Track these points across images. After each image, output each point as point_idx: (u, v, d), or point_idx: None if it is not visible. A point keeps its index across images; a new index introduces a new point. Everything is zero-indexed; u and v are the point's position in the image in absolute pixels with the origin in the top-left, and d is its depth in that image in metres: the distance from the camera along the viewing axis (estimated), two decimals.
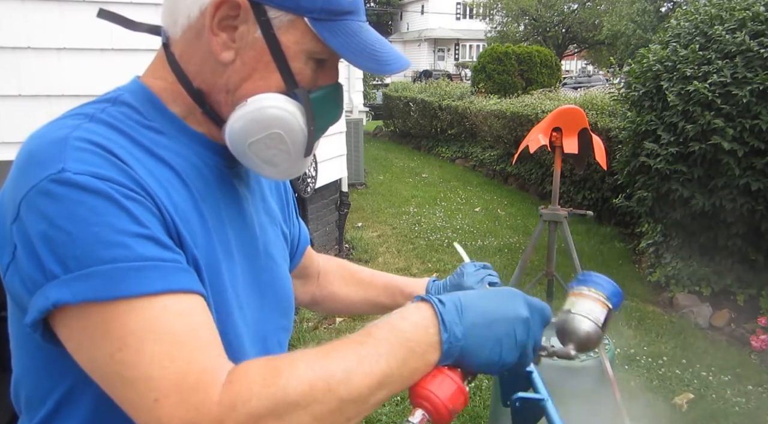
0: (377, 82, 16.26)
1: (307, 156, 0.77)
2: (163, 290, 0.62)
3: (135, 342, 0.60)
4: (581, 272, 0.86)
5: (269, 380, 0.60)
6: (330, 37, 0.72)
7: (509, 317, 0.70)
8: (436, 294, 0.86)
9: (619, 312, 4.06)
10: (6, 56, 2.39)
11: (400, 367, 0.65)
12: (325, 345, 0.65)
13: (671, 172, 3.92)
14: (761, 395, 3.16)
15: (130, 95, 0.76)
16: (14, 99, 2.39)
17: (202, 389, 0.59)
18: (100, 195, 0.62)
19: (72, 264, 0.60)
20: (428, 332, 0.67)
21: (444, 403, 0.65)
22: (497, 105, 8.94)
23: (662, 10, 17.14)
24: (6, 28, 2.36)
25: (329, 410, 0.61)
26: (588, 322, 0.77)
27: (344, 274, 1.15)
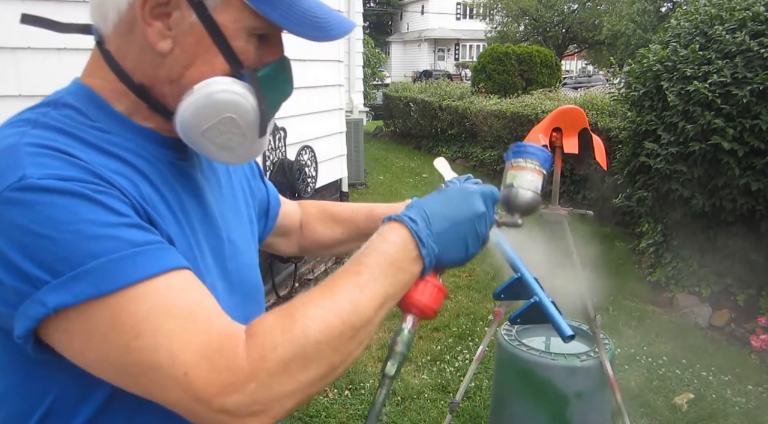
0: (377, 83, 16.25)
1: (262, 136, 0.76)
2: (161, 270, 0.62)
3: (149, 326, 0.60)
4: (514, 143, 0.95)
5: (287, 326, 0.63)
6: (268, 9, 0.69)
7: (471, 215, 0.78)
8: None
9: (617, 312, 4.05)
10: (6, 56, 2.39)
11: (394, 285, 0.71)
12: (325, 282, 0.69)
13: (671, 172, 3.92)
14: (761, 395, 3.16)
15: (71, 97, 0.73)
16: (14, 99, 2.39)
17: (227, 350, 0.61)
18: (69, 194, 0.61)
19: (61, 267, 0.59)
20: (408, 249, 0.73)
21: (429, 305, 0.77)
22: (497, 105, 8.94)
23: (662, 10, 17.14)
24: (6, 28, 2.36)
25: (346, 339, 0.66)
26: (530, 193, 0.89)
27: (324, 217, 1.15)
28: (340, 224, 1.14)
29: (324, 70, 4.76)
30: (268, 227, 1.08)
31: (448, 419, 2.59)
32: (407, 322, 0.77)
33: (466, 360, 3.46)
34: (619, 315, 4.08)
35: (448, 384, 3.23)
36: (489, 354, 3.30)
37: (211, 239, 0.81)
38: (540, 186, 0.89)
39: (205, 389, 0.59)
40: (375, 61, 13.49)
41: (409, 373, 3.35)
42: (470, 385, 3.03)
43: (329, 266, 4.99)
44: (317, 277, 4.73)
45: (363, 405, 3.00)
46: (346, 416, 2.93)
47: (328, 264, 5.02)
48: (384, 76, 18.92)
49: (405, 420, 2.90)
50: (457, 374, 3.34)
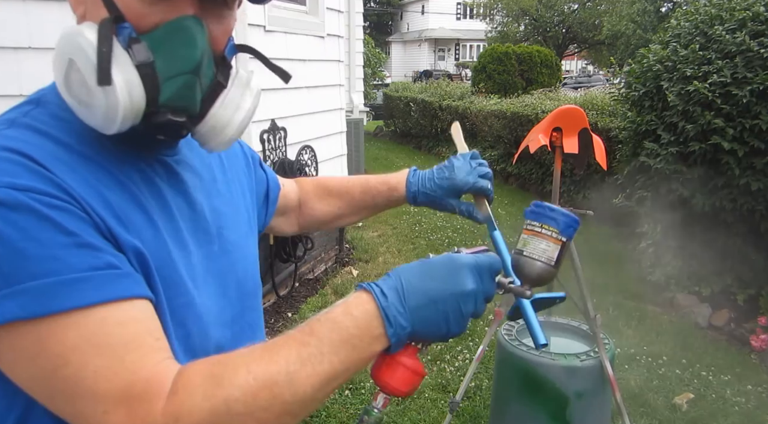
0: (378, 82, 16.26)
1: (102, 84, 0.62)
2: (100, 300, 0.60)
3: (76, 358, 0.59)
4: (534, 202, 0.84)
5: (209, 391, 0.60)
6: None
7: (454, 293, 0.70)
8: (418, 185, 1.08)
9: (617, 312, 4.04)
10: (7, 56, 2.39)
11: (344, 363, 0.65)
12: (267, 344, 0.65)
13: (671, 172, 3.92)
14: (761, 394, 3.16)
15: (53, 95, 0.71)
16: (16, 99, 2.39)
17: (148, 399, 0.59)
18: (21, 209, 0.58)
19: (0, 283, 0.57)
20: (371, 326, 0.67)
21: (400, 389, 0.70)
22: (497, 105, 8.94)
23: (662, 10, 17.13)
24: (7, 28, 2.37)
25: (274, 413, 0.61)
26: (539, 264, 0.78)
27: (320, 192, 1.14)
28: (336, 197, 1.13)
29: (324, 69, 4.76)
30: (269, 211, 1.07)
31: (448, 418, 2.59)
32: (378, 401, 0.72)
33: (466, 360, 3.46)
34: (619, 315, 4.08)
35: (449, 384, 3.23)
36: (489, 354, 3.31)
37: (200, 236, 0.79)
38: (555, 257, 0.78)
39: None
40: (375, 61, 13.51)
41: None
42: (470, 385, 3.03)
43: (329, 266, 4.99)
44: (317, 276, 4.73)
45: (363, 404, 3.00)
46: (347, 415, 2.93)
47: (328, 264, 5.02)
48: (384, 76, 18.94)
49: (405, 420, 2.90)
50: (457, 373, 3.34)
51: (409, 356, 0.71)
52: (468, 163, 1.09)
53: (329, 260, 5.08)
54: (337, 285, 4.56)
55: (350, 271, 4.94)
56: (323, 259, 4.97)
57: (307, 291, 4.44)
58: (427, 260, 0.74)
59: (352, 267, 5.04)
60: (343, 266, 5.07)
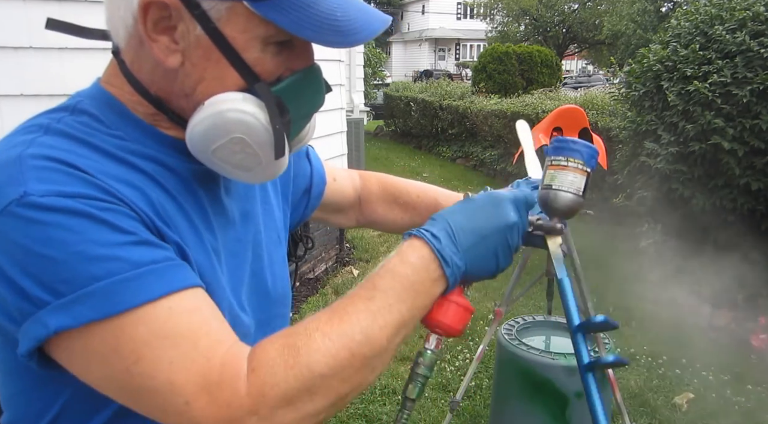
0: (378, 82, 16.25)
1: (279, 157, 0.68)
2: (164, 292, 0.60)
3: (150, 352, 0.59)
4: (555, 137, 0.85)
5: (290, 361, 0.60)
6: (278, 15, 0.62)
7: (501, 226, 0.72)
8: None
9: (617, 312, 4.03)
10: (8, 56, 2.40)
11: (410, 310, 0.67)
12: (335, 306, 0.65)
13: (671, 171, 3.92)
14: (761, 394, 3.16)
15: (90, 102, 0.70)
16: (16, 98, 2.39)
17: (228, 383, 0.59)
18: (72, 213, 0.58)
19: (63, 288, 0.57)
20: (429, 270, 0.68)
21: (453, 326, 0.72)
22: (498, 105, 8.94)
23: (662, 10, 17.12)
24: (7, 28, 2.37)
25: (357, 370, 0.63)
26: (570, 195, 0.80)
27: (386, 198, 1.10)
28: (402, 208, 1.09)
29: (324, 69, 4.74)
30: (310, 205, 1.03)
31: (448, 418, 2.59)
32: (430, 342, 0.73)
33: (466, 359, 3.46)
34: (619, 315, 4.08)
35: (449, 383, 3.23)
36: (489, 353, 3.31)
37: (232, 243, 0.78)
38: (582, 187, 0.80)
39: (205, 421, 0.59)
40: (376, 60, 13.50)
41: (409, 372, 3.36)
42: (470, 384, 3.03)
43: (330, 265, 5.00)
44: (318, 276, 4.74)
45: (363, 404, 3.00)
46: (347, 415, 2.93)
47: (329, 263, 5.02)
48: (385, 75, 18.92)
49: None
50: (457, 373, 3.35)
51: (458, 295, 0.72)
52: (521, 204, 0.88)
53: (330, 259, 5.08)
54: (337, 285, 4.57)
55: (351, 271, 4.94)
56: (324, 258, 4.97)
57: (307, 291, 4.44)
58: (468, 199, 0.76)
59: (353, 267, 5.04)
60: (343, 265, 5.07)
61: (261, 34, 0.64)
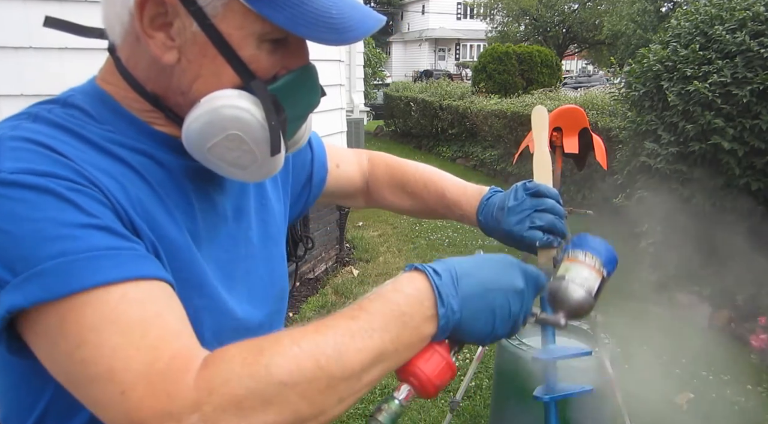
0: (378, 82, 16.26)
1: (275, 154, 0.68)
2: (120, 278, 0.57)
3: (93, 337, 0.55)
4: (578, 234, 0.81)
5: (250, 358, 0.56)
6: (273, 12, 0.62)
7: (505, 287, 0.68)
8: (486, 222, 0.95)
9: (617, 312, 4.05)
10: (7, 56, 2.40)
11: (394, 341, 0.61)
12: (314, 322, 0.61)
13: (671, 171, 3.93)
14: (761, 394, 3.17)
15: (82, 97, 0.70)
16: (16, 98, 2.39)
17: (173, 375, 0.55)
18: (38, 190, 0.57)
19: (19, 266, 0.55)
20: (423, 305, 0.64)
21: (431, 379, 0.65)
22: (498, 105, 8.94)
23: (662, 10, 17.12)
24: (7, 28, 2.37)
25: (319, 389, 0.57)
26: (581, 291, 0.75)
27: (393, 184, 1.09)
28: (409, 196, 1.08)
29: (324, 69, 4.75)
30: (312, 194, 1.02)
31: (448, 418, 2.59)
32: (401, 391, 0.65)
33: (466, 359, 3.46)
34: (619, 315, 4.08)
35: (449, 383, 3.23)
36: (489, 353, 3.31)
37: (224, 239, 0.77)
38: (595, 288, 0.75)
39: (139, 412, 0.53)
40: (376, 60, 13.49)
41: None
42: (470, 384, 3.03)
43: (330, 265, 5.00)
44: (318, 276, 4.74)
45: (363, 403, 3.00)
46: (347, 415, 2.93)
47: (329, 263, 5.02)
48: (385, 75, 18.93)
49: (405, 419, 2.90)
50: (457, 373, 3.34)
51: (444, 349, 0.66)
52: (526, 204, 0.91)
53: (330, 259, 5.08)
54: (337, 285, 4.56)
55: (351, 271, 4.94)
56: (324, 258, 4.97)
57: (307, 291, 4.44)
58: (478, 254, 0.72)
59: (353, 267, 5.04)
60: (343, 265, 5.07)
61: (257, 30, 0.64)
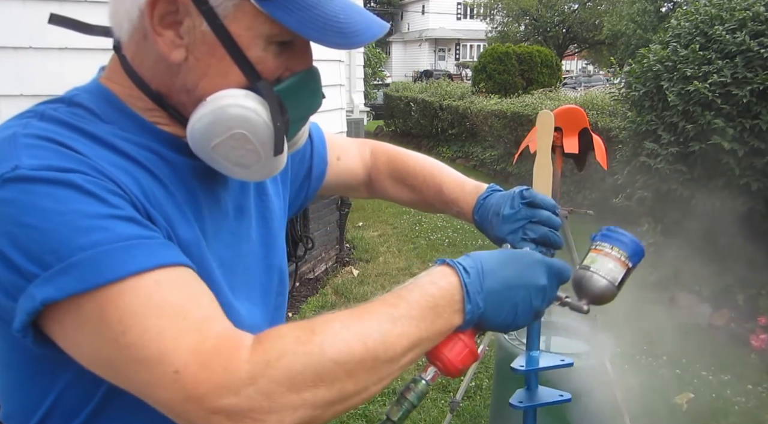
0: (378, 82, 16.27)
1: (278, 154, 0.69)
2: (152, 265, 0.59)
3: (137, 322, 0.57)
4: (606, 227, 0.87)
5: (303, 337, 0.59)
6: (284, 15, 0.63)
7: (528, 285, 0.72)
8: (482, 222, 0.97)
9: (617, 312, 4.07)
10: (8, 56, 2.40)
11: (429, 329, 0.66)
12: (356, 308, 0.65)
13: (671, 171, 3.93)
14: (761, 394, 3.17)
15: (86, 96, 0.71)
16: (16, 99, 2.39)
17: (224, 350, 0.57)
18: (62, 184, 0.58)
19: (50, 259, 0.56)
20: (453, 299, 0.68)
21: (455, 364, 0.71)
22: (498, 105, 8.94)
23: (662, 10, 17.12)
24: (7, 28, 2.37)
25: (365, 369, 0.61)
26: (605, 282, 0.79)
27: (394, 177, 1.11)
28: (410, 189, 1.11)
29: (325, 69, 4.75)
30: (312, 187, 1.04)
31: (448, 418, 2.59)
32: (428, 373, 0.72)
33: None
34: (619, 315, 4.08)
35: (449, 383, 3.23)
36: (489, 353, 3.31)
37: (226, 236, 0.78)
38: (619, 279, 0.80)
39: (197, 388, 0.55)
40: (376, 60, 13.51)
41: (409, 372, 3.35)
42: (470, 384, 3.03)
43: (330, 266, 5.00)
44: (318, 276, 4.74)
45: (364, 404, 3.00)
46: (347, 415, 2.93)
47: (329, 263, 5.02)
48: (385, 75, 18.94)
49: (406, 419, 2.90)
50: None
51: (468, 336, 0.72)
52: (521, 214, 0.92)
53: (330, 259, 5.08)
54: (337, 285, 4.56)
55: (351, 271, 4.94)
56: (324, 258, 4.97)
57: (307, 291, 4.44)
58: (505, 250, 0.77)
59: (353, 267, 5.04)
60: (343, 265, 5.07)
61: (265, 32, 0.66)
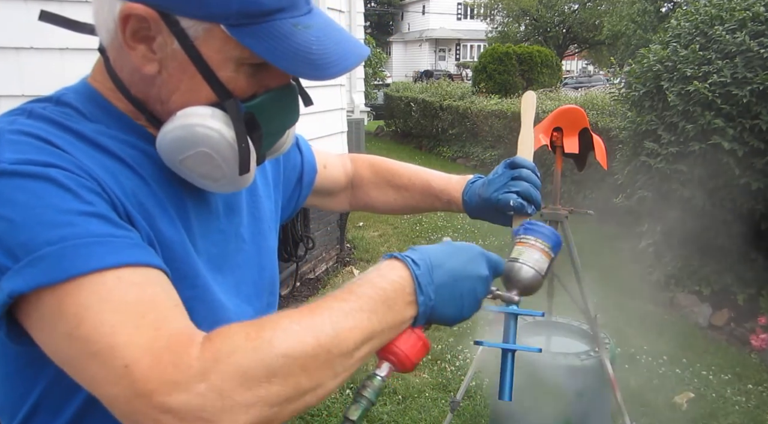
0: (378, 82, 16.27)
1: (243, 173, 0.70)
2: (116, 263, 0.58)
3: (91, 316, 0.56)
4: (527, 220, 0.91)
5: (253, 333, 0.58)
6: (253, 42, 0.65)
7: (472, 275, 0.74)
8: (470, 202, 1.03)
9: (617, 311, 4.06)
10: (8, 56, 2.40)
11: (381, 322, 0.66)
12: (307, 305, 0.64)
13: (671, 171, 3.93)
14: (761, 394, 3.17)
15: (73, 95, 0.72)
16: (17, 99, 2.39)
17: (177, 348, 0.56)
18: (38, 178, 0.59)
19: (19, 251, 0.57)
20: (404, 292, 0.68)
21: (408, 356, 0.71)
22: (498, 105, 8.96)
23: (662, 11, 17.11)
24: (8, 29, 2.37)
25: (318, 364, 0.60)
26: (533, 272, 0.83)
27: (377, 181, 1.13)
28: (395, 190, 1.11)
29: None
30: (302, 194, 1.06)
31: (449, 418, 2.60)
32: (381, 369, 0.72)
33: (466, 359, 3.46)
34: (619, 315, 4.09)
35: (449, 383, 3.24)
36: None
37: (214, 234, 0.79)
38: (545, 268, 0.85)
39: (146, 384, 0.54)
40: (376, 61, 13.52)
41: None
42: (471, 384, 3.03)
43: (330, 266, 5.00)
44: (318, 276, 4.74)
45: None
46: None
47: (329, 263, 5.03)
48: (385, 76, 18.94)
49: (406, 419, 2.90)
50: (457, 373, 3.35)
51: (419, 329, 0.73)
52: (505, 175, 1.00)
53: (330, 259, 5.08)
54: (337, 285, 4.56)
55: (351, 270, 4.94)
56: (324, 258, 4.98)
57: (308, 291, 4.45)
58: (447, 242, 0.78)
59: (353, 267, 5.04)
60: (344, 265, 5.07)
61: (236, 55, 0.67)
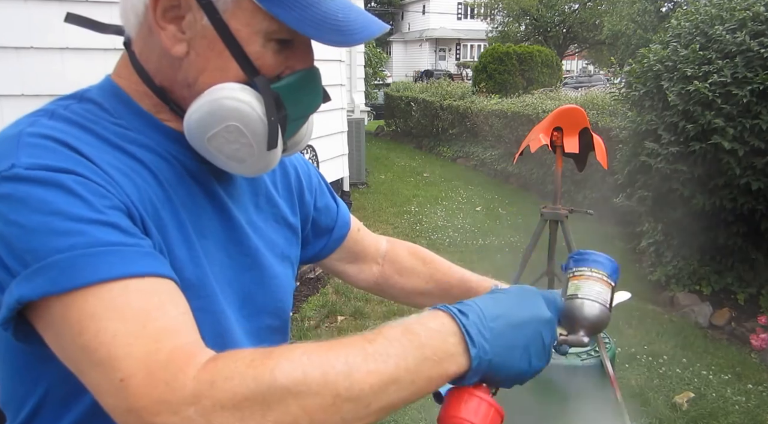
0: (379, 82, 16.26)
1: (271, 149, 0.69)
2: (124, 274, 0.58)
3: (94, 324, 0.56)
4: (575, 250, 0.82)
5: (258, 361, 0.55)
6: (281, 11, 0.65)
7: (535, 318, 0.66)
8: None
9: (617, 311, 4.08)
10: (9, 56, 2.40)
11: (411, 371, 0.58)
12: (333, 340, 0.59)
13: (672, 171, 3.93)
14: (761, 393, 3.17)
15: (97, 92, 0.73)
16: (17, 99, 2.40)
17: (175, 365, 0.54)
18: (51, 185, 0.59)
19: (29, 258, 0.57)
20: (447, 342, 0.60)
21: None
22: (498, 105, 8.95)
23: (663, 10, 17.10)
24: (9, 28, 2.38)
25: (323, 406, 0.54)
26: (598, 306, 0.74)
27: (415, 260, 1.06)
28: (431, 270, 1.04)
29: (325, 69, 4.76)
30: (328, 246, 1.01)
31: None
32: None
33: None
34: (620, 314, 4.09)
35: None
36: None
37: (230, 246, 0.78)
38: (609, 300, 0.75)
39: (138, 400, 0.53)
40: (376, 60, 13.50)
41: None
42: None
43: None
44: (318, 276, 4.74)
45: None
46: None
47: None
48: (385, 75, 18.92)
49: (406, 419, 2.90)
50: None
51: (485, 392, 0.62)
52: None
53: None
54: (338, 284, 4.57)
55: None
56: None
57: (308, 290, 4.44)
58: (497, 289, 0.70)
59: None
60: None
61: (264, 28, 0.67)
